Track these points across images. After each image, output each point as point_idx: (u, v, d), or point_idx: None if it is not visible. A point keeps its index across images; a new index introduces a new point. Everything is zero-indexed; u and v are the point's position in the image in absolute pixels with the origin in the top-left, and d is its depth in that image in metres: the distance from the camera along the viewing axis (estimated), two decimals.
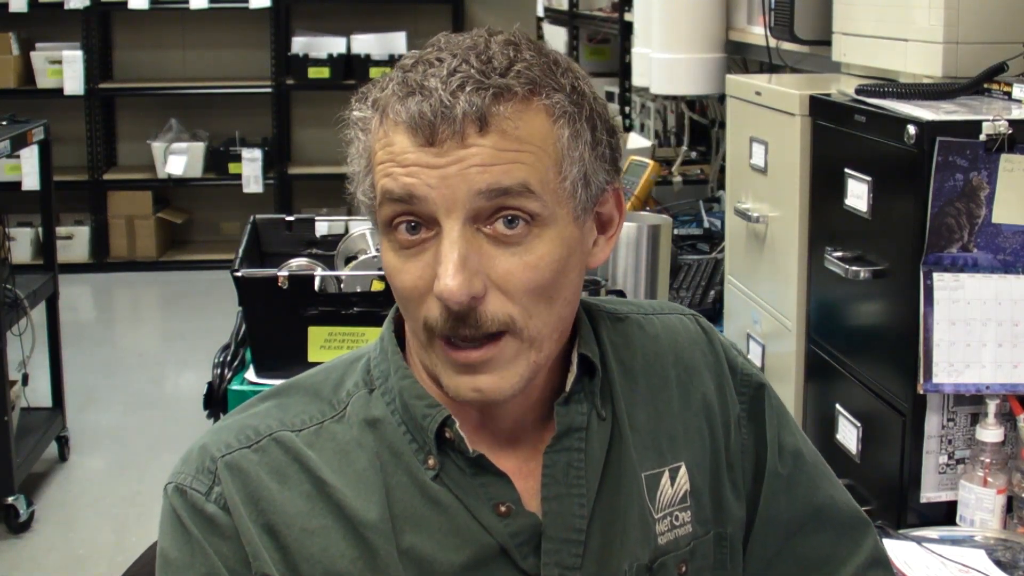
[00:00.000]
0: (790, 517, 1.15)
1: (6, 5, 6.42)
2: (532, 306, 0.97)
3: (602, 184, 1.01)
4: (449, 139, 0.93)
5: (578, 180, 0.98)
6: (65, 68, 6.53)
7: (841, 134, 1.86)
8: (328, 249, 2.53)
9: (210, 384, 2.24)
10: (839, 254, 1.84)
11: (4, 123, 3.88)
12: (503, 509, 1.02)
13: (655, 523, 1.07)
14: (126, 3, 6.52)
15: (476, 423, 1.05)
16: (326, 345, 2.17)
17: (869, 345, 1.82)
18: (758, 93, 2.19)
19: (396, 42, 6.68)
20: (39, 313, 3.99)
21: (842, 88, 1.96)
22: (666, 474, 1.09)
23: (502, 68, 0.95)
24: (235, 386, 2.22)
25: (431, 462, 1.02)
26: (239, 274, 2.14)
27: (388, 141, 0.97)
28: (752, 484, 1.14)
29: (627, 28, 4.04)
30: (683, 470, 1.10)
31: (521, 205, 0.95)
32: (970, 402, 1.66)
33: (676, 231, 3.09)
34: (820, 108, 1.96)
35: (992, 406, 1.63)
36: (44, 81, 6.59)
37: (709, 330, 1.18)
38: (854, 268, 1.78)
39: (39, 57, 6.58)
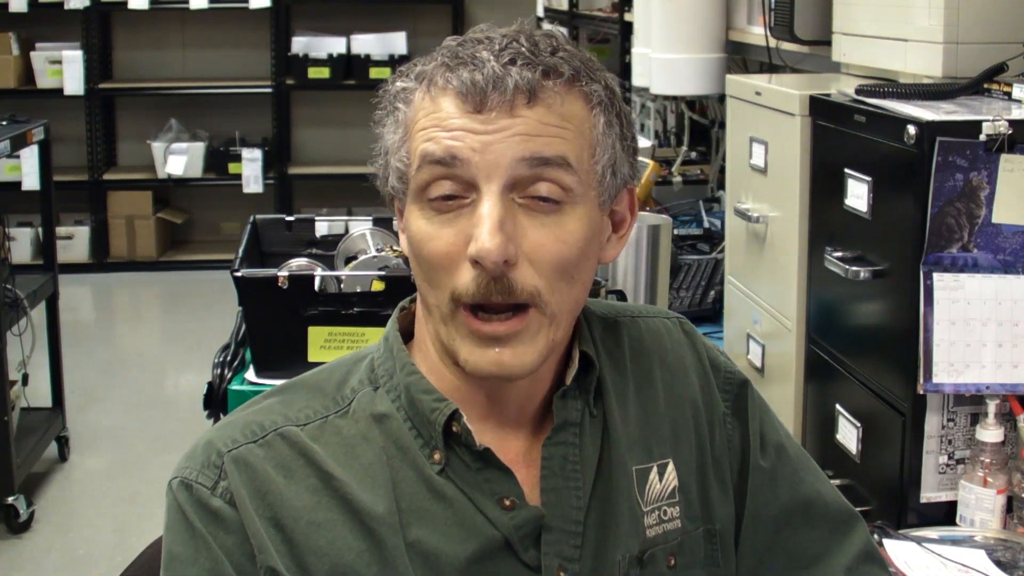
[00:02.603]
0: (777, 511, 1.17)
1: (6, 5, 6.41)
2: (556, 282, 1.00)
3: (626, 177, 1.06)
4: (498, 107, 0.98)
5: (607, 167, 1.03)
6: (65, 68, 6.53)
7: (841, 134, 1.86)
8: (328, 249, 2.53)
9: (210, 384, 2.24)
10: (839, 254, 1.84)
11: (4, 123, 3.87)
12: (507, 503, 1.04)
13: (643, 516, 1.09)
14: (126, 3, 6.51)
15: (480, 415, 1.06)
16: (326, 345, 2.17)
17: (869, 345, 1.82)
18: (758, 93, 2.19)
19: (396, 42, 6.68)
20: (39, 313, 3.99)
21: (842, 88, 1.96)
22: (654, 469, 1.11)
23: (548, 51, 1.01)
24: (235, 386, 2.22)
25: (437, 456, 1.04)
26: (239, 274, 2.14)
27: (434, 108, 1.00)
28: (738, 479, 1.16)
29: (627, 28, 4.04)
30: (671, 466, 1.12)
31: (558, 178, 0.99)
32: (970, 402, 1.66)
33: (676, 231, 3.09)
34: (820, 108, 1.96)
35: (992, 406, 1.63)
36: (44, 81, 6.58)
37: (692, 332, 1.21)
38: (854, 268, 1.78)
39: (39, 57, 6.58)
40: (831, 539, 1.18)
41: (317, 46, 6.67)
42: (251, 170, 6.64)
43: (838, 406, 1.88)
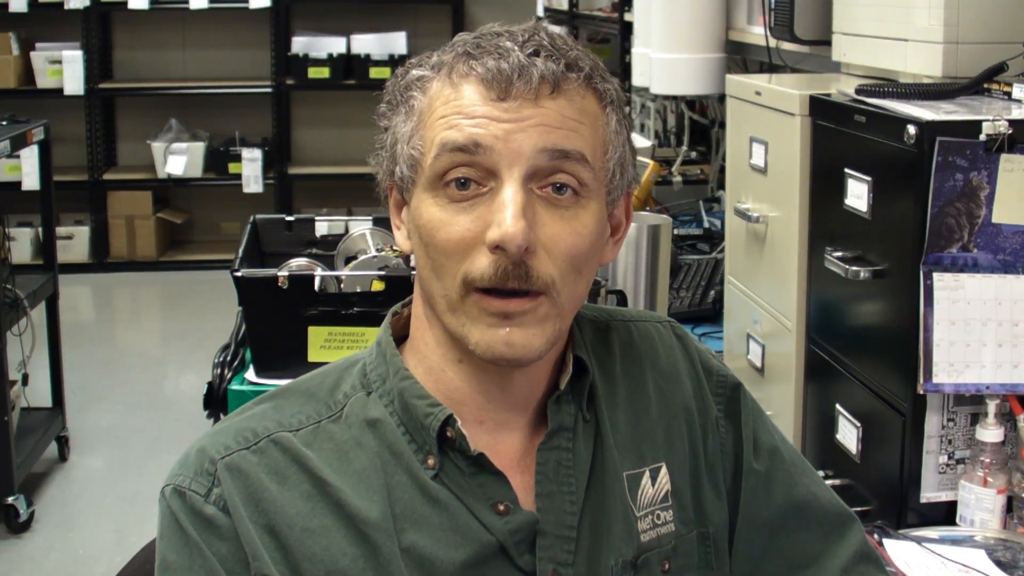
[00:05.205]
0: (772, 514, 1.16)
1: (6, 5, 6.41)
2: (568, 273, 1.01)
3: (630, 178, 1.08)
4: (522, 96, 0.99)
5: (617, 166, 1.05)
6: (65, 68, 6.53)
7: (841, 134, 1.86)
8: (328, 249, 2.53)
9: (210, 384, 2.24)
10: (839, 254, 1.84)
11: (4, 123, 3.88)
12: (501, 508, 1.03)
13: (637, 521, 1.09)
14: (126, 3, 6.51)
15: (476, 418, 1.06)
16: (326, 345, 2.17)
17: (869, 345, 1.82)
18: (758, 93, 2.19)
19: (396, 42, 6.68)
20: (39, 313, 3.99)
21: (842, 88, 1.96)
22: (646, 474, 1.11)
23: (566, 48, 1.02)
24: (235, 386, 2.22)
25: (431, 462, 1.04)
26: (239, 274, 2.14)
27: (455, 95, 1.01)
28: (732, 483, 1.16)
29: (627, 28, 4.05)
30: (663, 471, 1.12)
31: (576, 172, 1.00)
32: (970, 402, 1.66)
33: (676, 231, 3.09)
34: (820, 108, 1.96)
35: (992, 406, 1.63)
36: (44, 81, 6.58)
37: (683, 336, 1.21)
38: (854, 268, 1.78)
39: (39, 57, 6.58)
40: (827, 541, 1.18)
41: (317, 46, 6.67)
42: (251, 170, 6.64)
43: (838, 406, 1.88)
